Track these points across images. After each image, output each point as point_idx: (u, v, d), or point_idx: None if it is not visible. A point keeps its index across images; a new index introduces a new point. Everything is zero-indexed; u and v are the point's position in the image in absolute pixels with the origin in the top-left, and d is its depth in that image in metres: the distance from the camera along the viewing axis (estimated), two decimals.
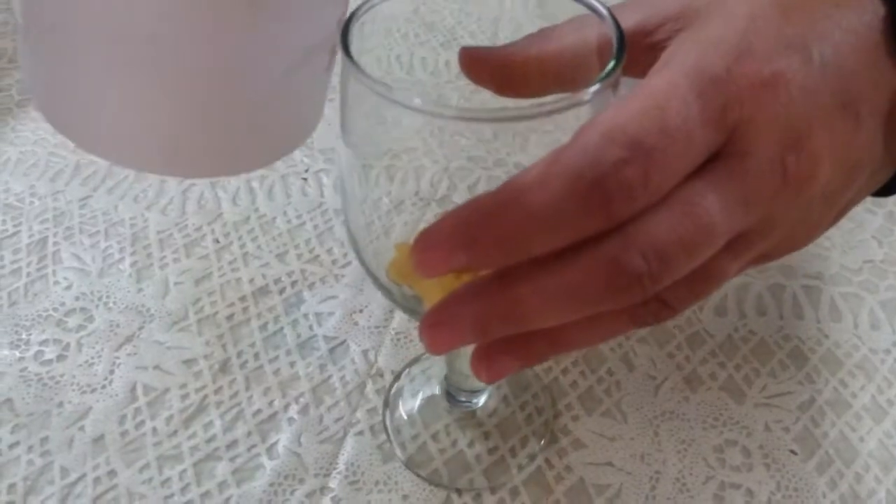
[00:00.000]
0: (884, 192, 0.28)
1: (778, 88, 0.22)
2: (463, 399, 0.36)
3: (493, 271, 0.22)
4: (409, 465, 0.34)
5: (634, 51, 0.25)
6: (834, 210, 0.26)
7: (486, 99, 0.28)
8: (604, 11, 0.24)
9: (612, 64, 0.22)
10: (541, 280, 0.21)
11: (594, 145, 0.20)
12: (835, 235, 0.44)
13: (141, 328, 0.40)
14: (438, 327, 0.23)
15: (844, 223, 0.45)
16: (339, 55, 0.23)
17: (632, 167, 0.20)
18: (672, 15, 0.25)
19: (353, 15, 0.23)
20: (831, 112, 0.23)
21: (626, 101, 0.21)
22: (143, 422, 0.36)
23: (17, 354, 0.39)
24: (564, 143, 0.21)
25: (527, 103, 0.21)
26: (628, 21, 0.25)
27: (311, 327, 0.40)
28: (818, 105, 0.23)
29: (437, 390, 0.37)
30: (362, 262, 0.28)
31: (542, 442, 0.35)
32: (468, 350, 0.33)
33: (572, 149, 0.21)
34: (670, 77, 0.22)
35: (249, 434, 0.36)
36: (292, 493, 0.34)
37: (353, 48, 0.23)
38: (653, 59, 0.24)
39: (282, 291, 0.42)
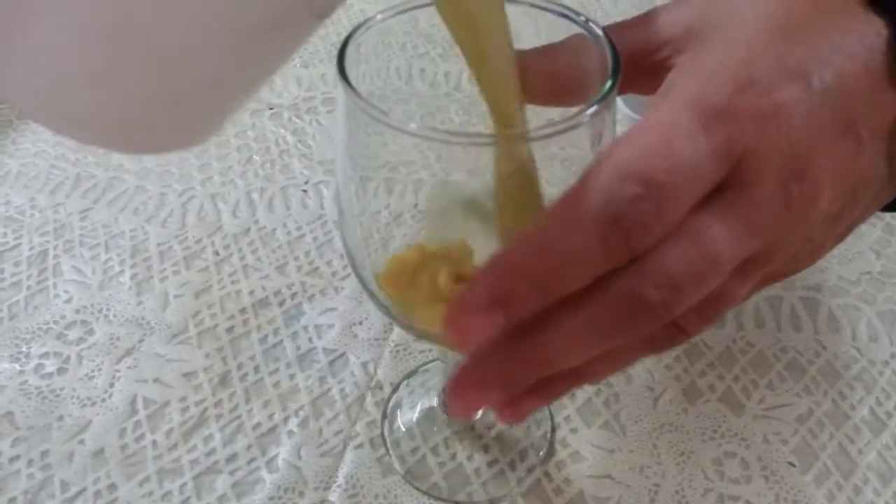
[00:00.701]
0: (891, 207, 0.29)
1: (780, 119, 0.23)
2: None
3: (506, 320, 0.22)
4: (409, 478, 0.35)
5: (637, 69, 0.25)
6: (838, 230, 0.26)
7: (485, 112, 0.29)
8: (599, 32, 0.24)
9: (608, 85, 0.22)
10: (564, 323, 0.22)
11: (609, 184, 0.21)
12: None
13: (141, 341, 0.40)
14: (468, 391, 0.23)
15: None
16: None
17: (646, 203, 0.21)
18: (675, 36, 0.26)
19: (350, 36, 0.24)
20: (833, 136, 0.23)
21: (633, 136, 0.22)
22: (143, 435, 0.36)
23: (18, 367, 0.39)
24: (577, 184, 0.22)
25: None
26: (630, 40, 0.26)
27: (310, 339, 0.40)
28: (820, 131, 0.23)
29: (435, 402, 0.37)
30: (359, 276, 0.28)
31: (541, 454, 0.35)
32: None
33: (589, 190, 0.21)
34: (673, 109, 0.22)
35: (249, 447, 0.36)
36: None
37: (350, 61, 0.23)
38: (654, 78, 0.25)
39: (281, 304, 0.42)
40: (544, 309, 0.22)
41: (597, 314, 0.22)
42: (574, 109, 0.22)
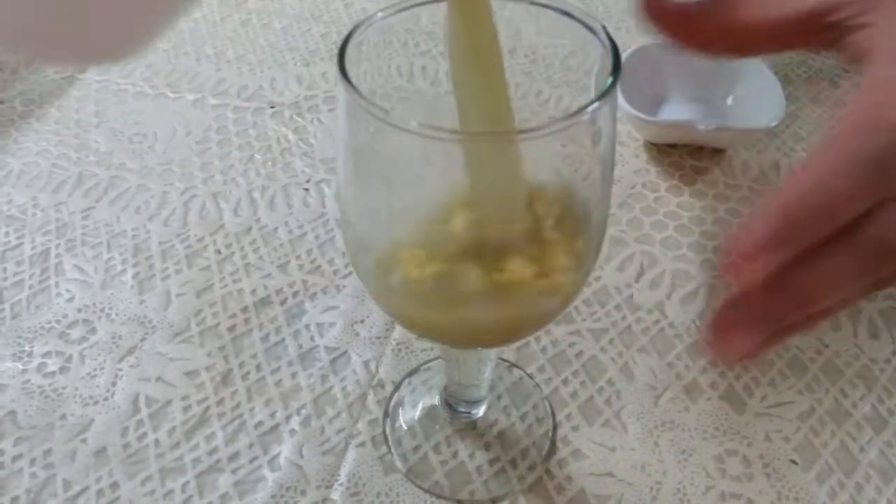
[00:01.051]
0: None
1: None
2: (462, 410, 0.36)
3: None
4: (410, 476, 0.35)
5: (813, 29, 0.29)
6: None
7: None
8: (599, 29, 0.24)
9: (609, 81, 0.22)
10: (823, 265, 0.24)
11: (873, 133, 0.24)
12: None
13: (143, 340, 0.40)
14: (732, 330, 0.25)
15: None
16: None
17: None
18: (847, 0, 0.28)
19: (350, 34, 0.24)
20: None
21: (878, 90, 0.26)
22: (145, 434, 0.36)
23: (20, 367, 0.39)
24: (842, 127, 0.25)
25: (526, 124, 0.21)
26: (805, 2, 0.29)
27: (312, 338, 0.40)
28: None
29: (437, 400, 0.37)
30: (360, 275, 0.28)
31: (543, 452, 0.35)
32: (466, 360, 0.33)
33: (849, 137, 0.24)
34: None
35: (251, 446, 0.36)
36: None
37: (351, 59, 0.23)
38: (826, 37, 0.28)
39: (283, 302, 0.42)
40: (806, 250, 0.24)
41: (848, 258, 0.24)
42: (574, 107, 0.22)
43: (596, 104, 0.21)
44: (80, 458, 0.35)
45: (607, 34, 0.24)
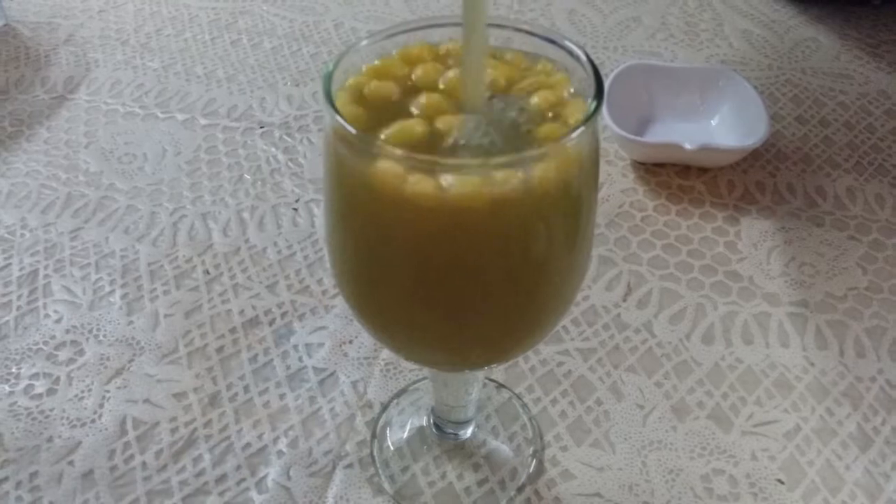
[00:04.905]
0: None
1: None
2: (450, 430, 0.36)
3: None
4: (398, 498, 0.35)
5: None
6: None
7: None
8: (581, 55, 0.24)
9: (593, 106, 0.23)
10: None
11: None
12: (819, 263, 0.45)
13: (131, 361, 0.40)
14: None
15: (829, 251, 0.45)
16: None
17: None
18: None
19: (336, 63, 0.24)
20: None
21: None
22: (132, 456, 0.36)
23: (7, 388, 0.39)
24: None
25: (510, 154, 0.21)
26: None
27: (300, 359, 0.40)
28: None
29: (425, 421, 0.37)
30: (346, 297, 0.28)
31: (531, 473, 0.35)
32: (453, 380, 0.33)
33: None
34: None
35: (239, 468, 0.36)
36: None
37: (337, 85, 0.24)
38: None
39: (272, 323, 0.42)
40: None
41: None
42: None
43: (581, 128, 0.22)
44: (66, 481, 0.35)
45: (589, 59, 0.24)
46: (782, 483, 0.35)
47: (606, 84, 0.51)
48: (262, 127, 0.55)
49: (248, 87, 0.59)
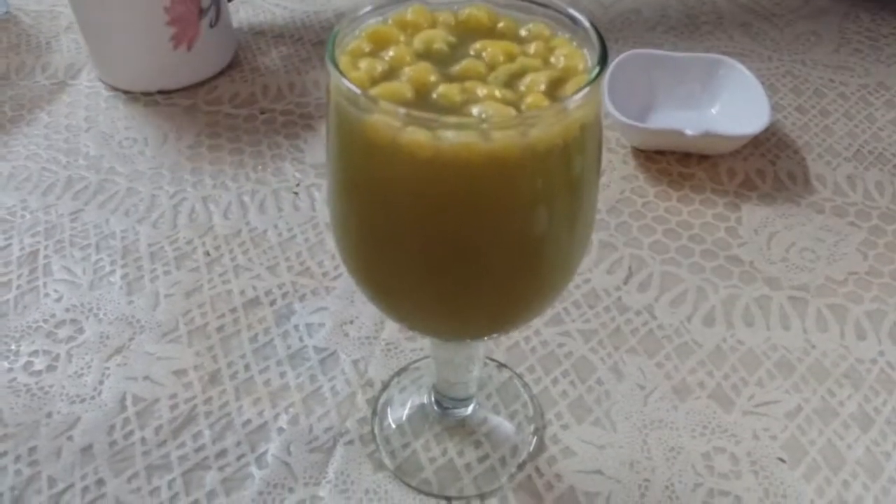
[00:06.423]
0: None
1: None
2: (451, 407, 0.36)
3: None
4: (399, 473, 0.34)
5: None
6: None
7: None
8: (586, 23, 0.24)
9: (596, 71, 0.23)
10: None
11: None
12: (819, 248, 0.45)
13: (131, 339, 0.40)
14: None
15: (829, 236, 0.46)
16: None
17: None
18: None
19: (338, 28, 0.24)
20: None
21: None
22: (132, 432, 0.36)
23: (7, 365, 0.39)
24: None
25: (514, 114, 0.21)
26: None
27: (301, 338, 0.40)
28: None
29: (426, 399, 0.37)
30: (347, 262, 0.28)
31: (532, 450, 0.35)
32: (456, 357, 0.33)
33: None
34: None
35: (239, 444, 0.36)
36: (282, 502, 0.33)
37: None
38: None
39: (272, 303, 0.42)
40: None
41: None
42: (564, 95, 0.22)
43: (586, 90, 0.22)
44: (65, 455, 0.35)
45: (594, 27, 0.24)
46: (784, 462, 0.35)
47: (607, 72, 0.51)
48: (263, 113, 0.55)
49: (250, 74, 0.59)
